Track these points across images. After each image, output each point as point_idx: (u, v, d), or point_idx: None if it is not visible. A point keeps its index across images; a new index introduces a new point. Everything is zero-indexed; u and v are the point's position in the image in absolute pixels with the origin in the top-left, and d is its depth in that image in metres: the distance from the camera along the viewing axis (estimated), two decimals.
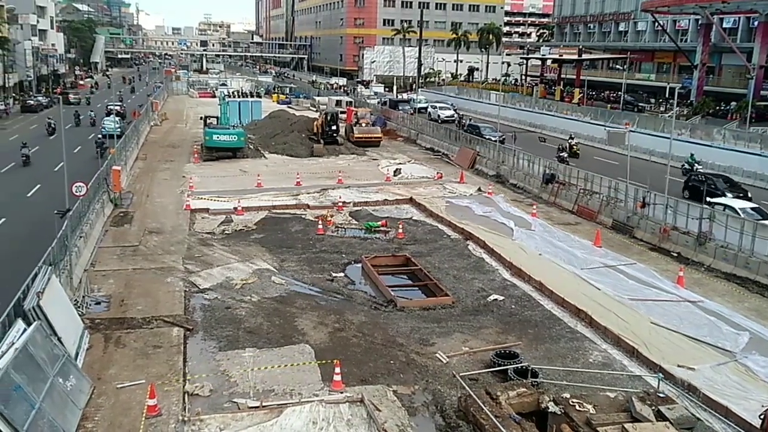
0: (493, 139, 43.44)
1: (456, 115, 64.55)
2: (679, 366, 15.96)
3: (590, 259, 24.17)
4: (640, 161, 41.80)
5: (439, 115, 62.10)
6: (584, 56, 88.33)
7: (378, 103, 75.95)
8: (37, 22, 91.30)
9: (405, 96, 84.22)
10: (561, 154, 42.39)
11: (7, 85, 74.88)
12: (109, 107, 56.31)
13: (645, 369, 16.18)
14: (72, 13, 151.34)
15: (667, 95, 71.75)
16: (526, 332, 18.29)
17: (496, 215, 30.14)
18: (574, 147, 46.31)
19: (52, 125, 52.21)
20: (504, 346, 17.09)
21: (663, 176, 28.43)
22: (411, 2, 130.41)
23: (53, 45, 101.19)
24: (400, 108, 66.64)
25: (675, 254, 25.05)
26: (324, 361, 15.91)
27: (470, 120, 59.11)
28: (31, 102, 71.55)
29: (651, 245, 26.30)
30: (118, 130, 43.43)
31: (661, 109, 71.46)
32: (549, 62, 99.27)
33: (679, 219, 26.00)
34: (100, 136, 44.78)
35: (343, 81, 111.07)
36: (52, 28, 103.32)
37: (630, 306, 19.89)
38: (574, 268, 23.20)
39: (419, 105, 66.30)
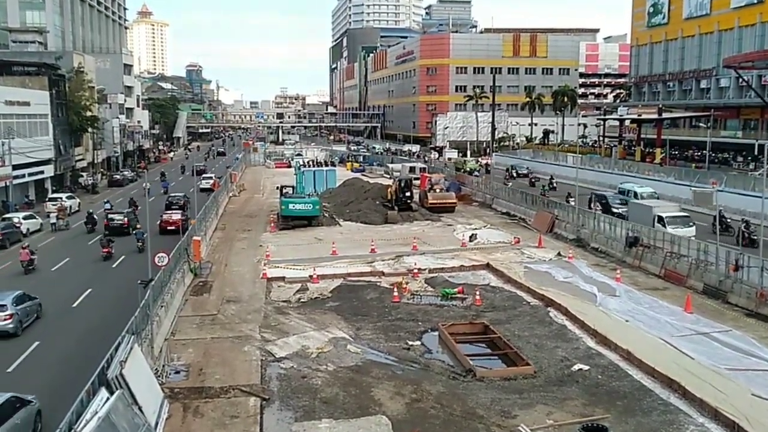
0: None
1: None
2: None
3: (681, 326, 22.84)
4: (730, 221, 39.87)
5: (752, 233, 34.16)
6: (665, 115, 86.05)
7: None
8: (125, 101, 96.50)
9: None
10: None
11: (95, 161, 79.26)
12: (217, 149, 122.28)
13: None
14: (156, 91, 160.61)
15: (756, 152, 69.04)
16: (615, 404, 17.29)
17: (577, 281, 29.09)
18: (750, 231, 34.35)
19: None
20: (591, 419, 16.11)
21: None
22: (483, 68, 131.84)
23: (139, 122, 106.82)
24: None
25: None
26: None
27: None
28: (118, 177, 75.40)
29: (747, 311, 24.68)
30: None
31: (750, 166, 68.71)
32: (627, 122, 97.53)
33: None
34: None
35: (416, 148, 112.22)
36: (138, 106, 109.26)
37: (727, 376, 18.56)
38: (664, 335, 21.93)
39: None
